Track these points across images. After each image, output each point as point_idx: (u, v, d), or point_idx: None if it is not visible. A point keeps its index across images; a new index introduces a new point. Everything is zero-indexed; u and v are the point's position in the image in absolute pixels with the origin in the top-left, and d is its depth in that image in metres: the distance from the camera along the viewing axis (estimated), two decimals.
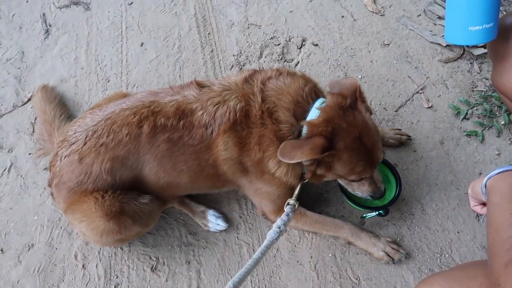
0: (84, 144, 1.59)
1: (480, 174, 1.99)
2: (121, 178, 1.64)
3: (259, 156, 1.56)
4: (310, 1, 2.79)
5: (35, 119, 2.45)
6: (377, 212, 1.80)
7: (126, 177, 1.64)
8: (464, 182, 1.98)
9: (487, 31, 1.30)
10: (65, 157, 1.63)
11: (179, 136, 1.56)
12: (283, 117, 1.51)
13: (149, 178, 1.68)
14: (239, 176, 1.70)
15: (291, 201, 1.63)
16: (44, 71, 2.70)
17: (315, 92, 1.58)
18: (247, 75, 1.61)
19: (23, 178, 2.25)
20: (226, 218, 1.99)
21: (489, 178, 1.17)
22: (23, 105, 2.55)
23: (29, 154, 2.33)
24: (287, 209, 1.60)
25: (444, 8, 2.55)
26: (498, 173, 1.15)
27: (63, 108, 2.32)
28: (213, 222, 1.95)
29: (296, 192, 1.65)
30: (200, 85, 1.62)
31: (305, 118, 1.50)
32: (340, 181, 1.73)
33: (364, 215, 1.85)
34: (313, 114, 1.49)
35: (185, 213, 2.03)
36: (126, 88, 2.54)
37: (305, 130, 1.47)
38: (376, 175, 1.65)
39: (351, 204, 1.83)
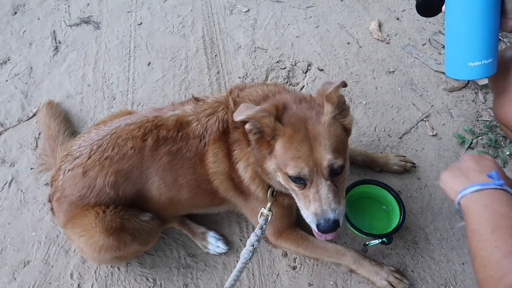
0: (89, 158, 1.59)
1: None
2: (124, 193, 1.62)
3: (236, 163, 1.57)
4: (317, 27, 2.83)
5: (39, 134, 2.46)
6: (380, 240, 1.76)
7: (129, 192, 1.63)
8: None
9: (486, 67, 1.31)
10: (68, 171, 1.62)
11: (178, 148, 1.58)
12: None
13: (152, 194, 1.66)
14: (233, 195, 1.70)
15: (265, 211, 1.59)
16: (51, 87, 2.73)
17: None
18: (233, 87, 1.66)
19: (23, 193, 2.23)
20: (227, 241, 1.96)
21: (463, 196, 1.10)
22: (28, 119, 2.56)
23: (31, 169, 2.32)
24: (260, 220, 1.57)
25: None
26: (472, 192, 1.07)
27: (67, 124, 2.33)
28: (213, 244, 1.92)
29: (269, 203, 1.61)
30: (196, 100, 1.66)
31: None
32: (292, 192, 1.50)
33: (367, 243, 1.81)
34: None
35: (185, 234, 2.00)
36: (132, 106, 2.55)
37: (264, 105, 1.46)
38: (324, 192, 1.37)
39: (354, 230, 1.80)
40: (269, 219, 1.58)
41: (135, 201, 1.68)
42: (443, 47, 2.58)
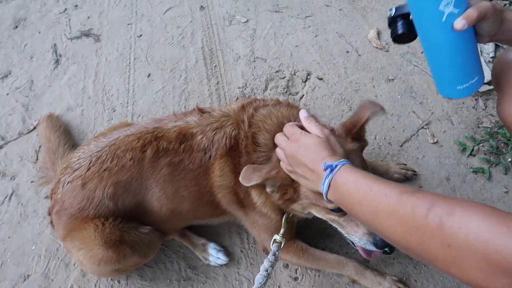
0: (88, 170, 1.58)
1: None
2: (123, 205, 1.61)
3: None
4: (316, 37, 2.84)
5: (40, 147, 2.46)
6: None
7: (128, 203, 1.62)
8: None
9: (474, 84, 1.34)
10: (67, 183, 1.61)
11: (180, 160, 1.56)
12: (262, 140, 1.50)
13: (152, 205, 1.65)
14: (235, 208, 1.68)
15: (278, 237, 1.57)
16: (51, 100, 2.74)
17: None
18: (245, 103, 1.63)
19: (24, 206, 2.23)
20: (227, 252, 1.94)
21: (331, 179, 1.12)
22: (28, 132, 2.57)
23: (31, 182, 2.32)
24: (273, 247, 1.55)
25: None
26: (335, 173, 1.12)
27: (67, 137, 2.33)
28: (214, 255, 1.91)
29: (283, 228, 1.58)
30: (201, 111, 1.64)
31: None
32: (331, 222, 1.49)
33: None
34: None
35: (185, 245, 1.98)
36: (132, 118, 2.55)
37: (275, 156, 1.42)
38: None
39: None
40: (282, 246, 1.56)
41: (135, 214, 1.67)
42: None
